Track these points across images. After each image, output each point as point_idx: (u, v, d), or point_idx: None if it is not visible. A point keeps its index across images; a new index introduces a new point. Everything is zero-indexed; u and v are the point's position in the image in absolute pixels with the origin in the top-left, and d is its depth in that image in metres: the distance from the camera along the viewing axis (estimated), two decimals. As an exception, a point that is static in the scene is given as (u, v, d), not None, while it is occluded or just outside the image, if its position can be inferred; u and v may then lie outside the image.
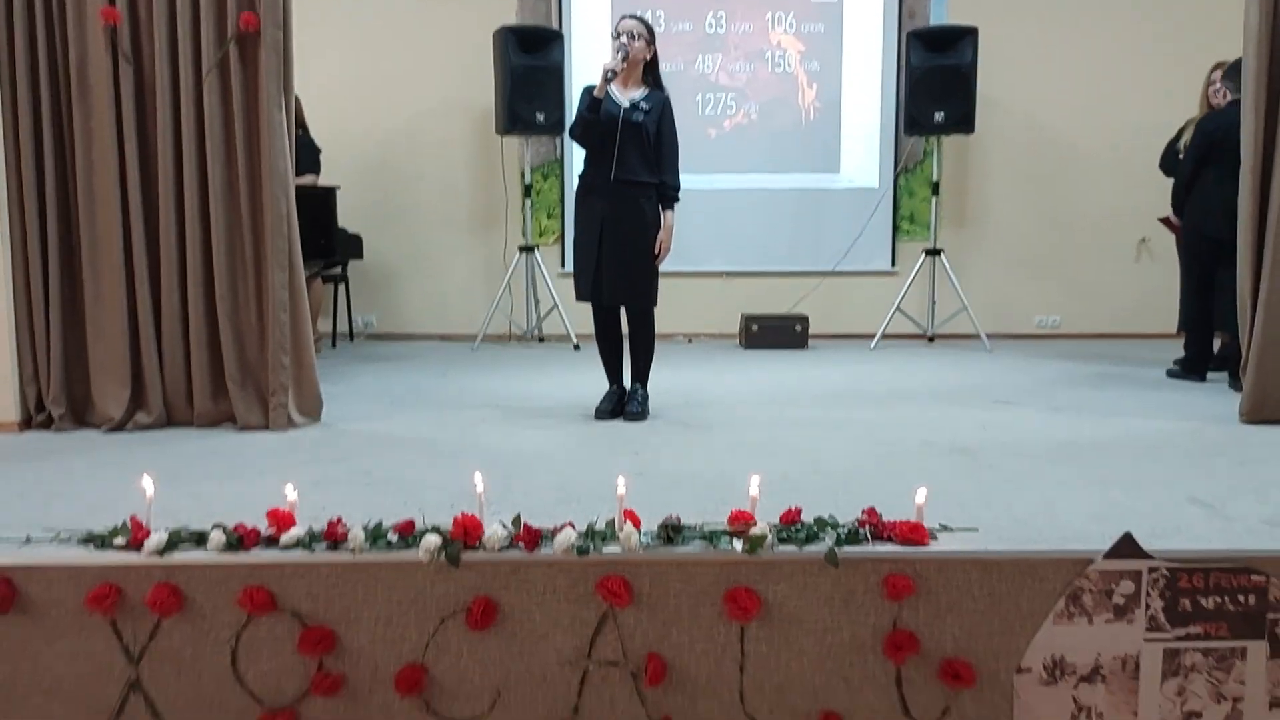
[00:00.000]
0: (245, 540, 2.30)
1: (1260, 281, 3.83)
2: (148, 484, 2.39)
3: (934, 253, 6.45)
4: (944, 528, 2.41)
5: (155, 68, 3.69)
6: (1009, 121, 6.66)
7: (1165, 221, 5.33)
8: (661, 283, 4.10)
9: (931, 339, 6.57)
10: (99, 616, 2.24)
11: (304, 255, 3.86)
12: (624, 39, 3.84)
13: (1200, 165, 4.80)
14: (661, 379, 4.54)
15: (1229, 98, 4.73)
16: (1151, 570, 2.28)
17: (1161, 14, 6.51)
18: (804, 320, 6.34)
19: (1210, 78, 4.99)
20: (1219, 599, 2.30)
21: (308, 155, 5.76)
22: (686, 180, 4.11)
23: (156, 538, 2.28)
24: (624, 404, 4.05)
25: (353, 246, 6.32)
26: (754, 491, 2.38)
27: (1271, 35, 3.78)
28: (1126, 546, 2.27)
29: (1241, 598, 2.30)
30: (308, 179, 5.71)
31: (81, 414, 3.84)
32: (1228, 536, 2.44)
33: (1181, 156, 4.99)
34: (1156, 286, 6.26)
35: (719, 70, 6.76)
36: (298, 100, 5.41)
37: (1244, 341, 3.93)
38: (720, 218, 6.76)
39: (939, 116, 6.12)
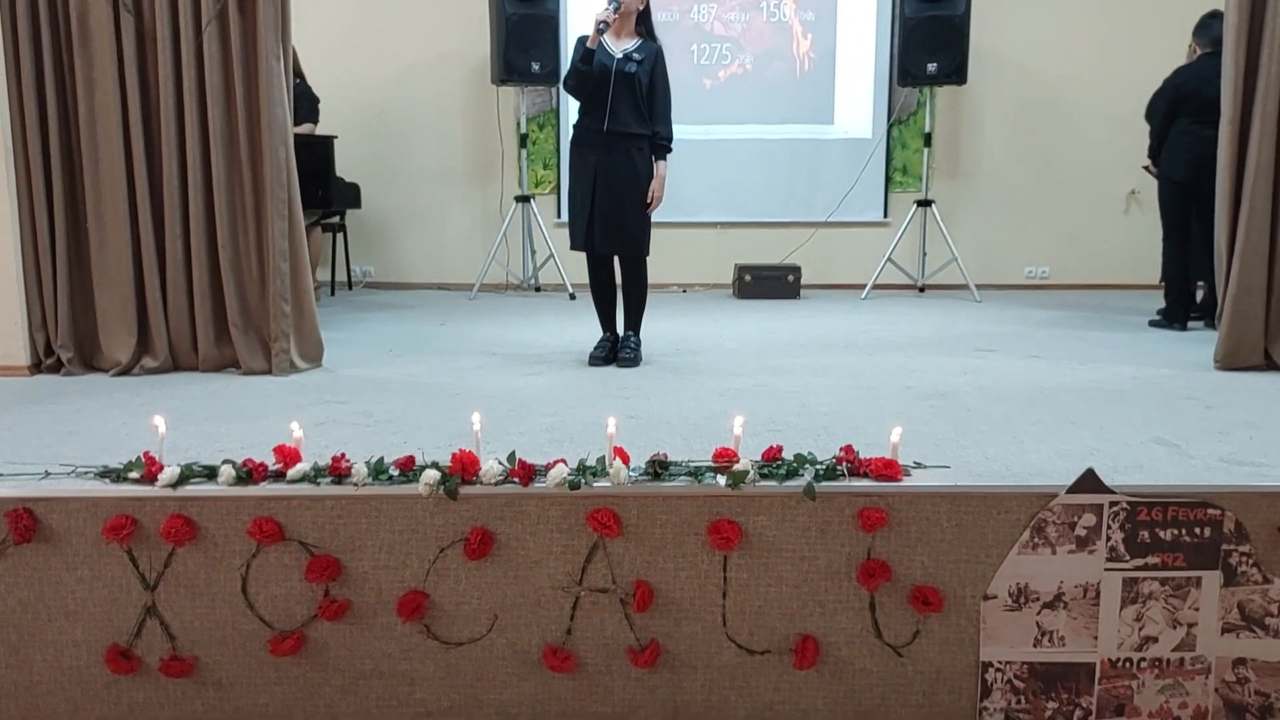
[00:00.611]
0: (254, 474, 2.42)
1: (1237, 231, 3.92)
2: (160, 422, 2.51)
3: (925, 204, 6.52)
4: (918, 465, 2.54)
5: (156, 18, 3.74)
6: (1001, 73, 6.70)
7: (1149, 169, 5.41)
8: (656, 233, 4.19)
9: (922, 289, 6.67)
10: (116, 546, 2.37)
11: (303, 205, 3.95)
12: (618, -11, 3.88)
13: (1170, 116, 4.91)
14: (655, 328, 4.65)
15: (1199, 52, 4.87)
16: (1112, 504, 2.40)
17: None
18: (797, 270, 6.44)
19: (1191, 43, 5.06)
20: (1176, 531, 2.43)
21: (306, 104, 5.81)
22: (681, 131, 4.17)
23: (170, 471, 2.40)
24: (617, 350, 4.16)
25: (350, 196, 6.39)
26: (737, 431, 2.51)
27: (1253, -11, 3.84)
28: (1089, 481, 2.40)
29: (1198, 530, 2.43)
30: (305, 127, 5.76)
31: (89, 358, 3.96)
32: (1187, 473, 2.56)
33: None
34: (1145, 238, 6.34)
35: (714, 20, 6.78)
36: (295, 50, 5.46)
37: (1220, 290, 4.03)
38: (714, 168, 6.83)
39: (932, 68, 6.16)
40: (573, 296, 6.26)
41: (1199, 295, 5.22)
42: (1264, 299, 3.95)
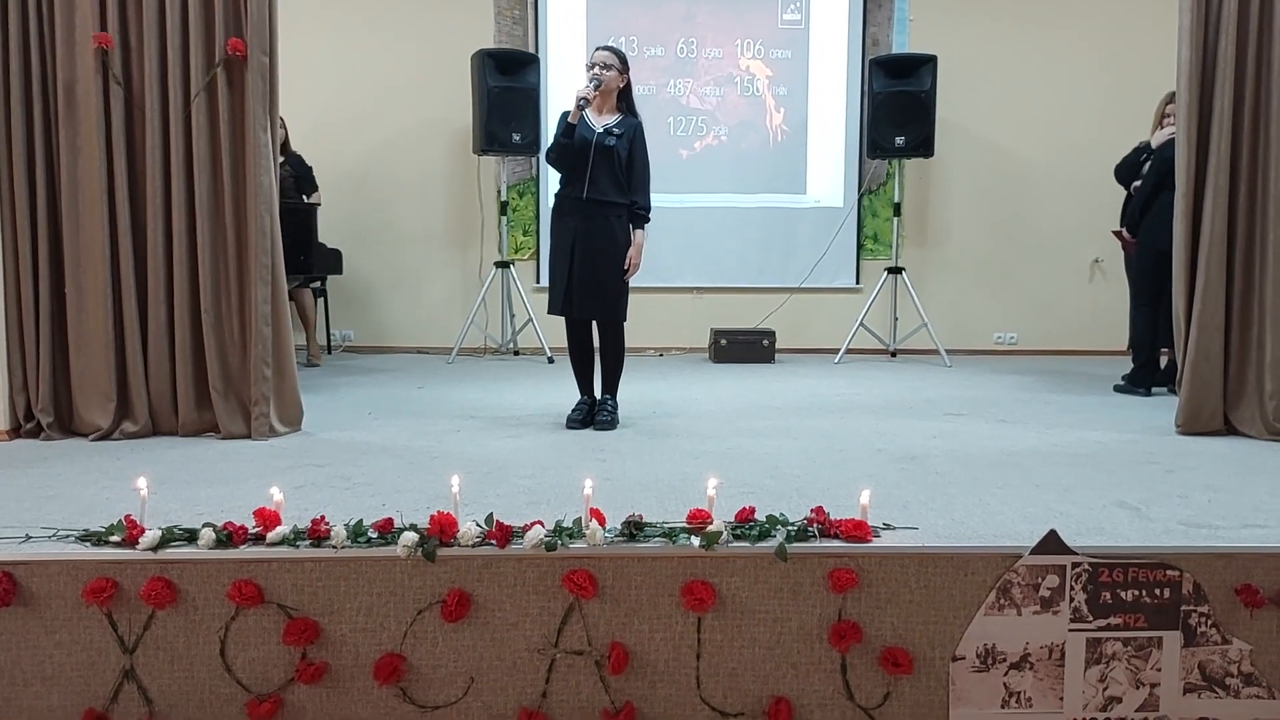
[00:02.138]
0: (234, 537, 2.45)
1: (1194, 300, 4.06)
2: (142, 484, 2.54)
3: (896, 271, 6.68)
4: (887, 526, 2.61)
5: (145, 89, 3.85)
6: (967, 146, 6.93)
7: (1118, 235, 5.57)
8: (634, 298, 4.29)
9: (894, 354, 6.80)
10: (95, 609, 2.38)
11: (285, 270, 4.02)
12: (597, 69, 4.03)
13: (1157, 188, 5.07)
14: (632, 390, 4.73)
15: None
16: (1075, 565, 2.47)
17: (1106, 45, 6.84)
18: (771, 335, 6.55)
19: (1166, 109, 5.23)
20: (1137, 592, 2.50)
21: (307, 175, 6.12)
22: (659, 199, 4.30)
23: (150, 534, 2.43)
24: (594, 414, 4.23)
25: (332, 261, 6.48)
26: (711, 492, 2.57)
27: (1202, 70, 4.03)
28: (1052, 543, 2.47)
29: (1158, 591, 2.50)
30: (316, 198, 6.12)
31: (69, 423, 3.97)
32: (1147, 535, 2.64)
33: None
34: (1109, 304, 6.54)
35: (690, 94, 6.99)
36: (285, 124, 5.66)
37: (1179, 357, 4.16)
38: (691, 236, 6.98)
39: (900, 140, 6.37)
40: (551, 360, 6.33)
41: (1163, 361, 5.35)
42: (1221, 366, 4.08)
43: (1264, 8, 3.97)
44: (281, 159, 5.72)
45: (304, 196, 6.13)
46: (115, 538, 2.47)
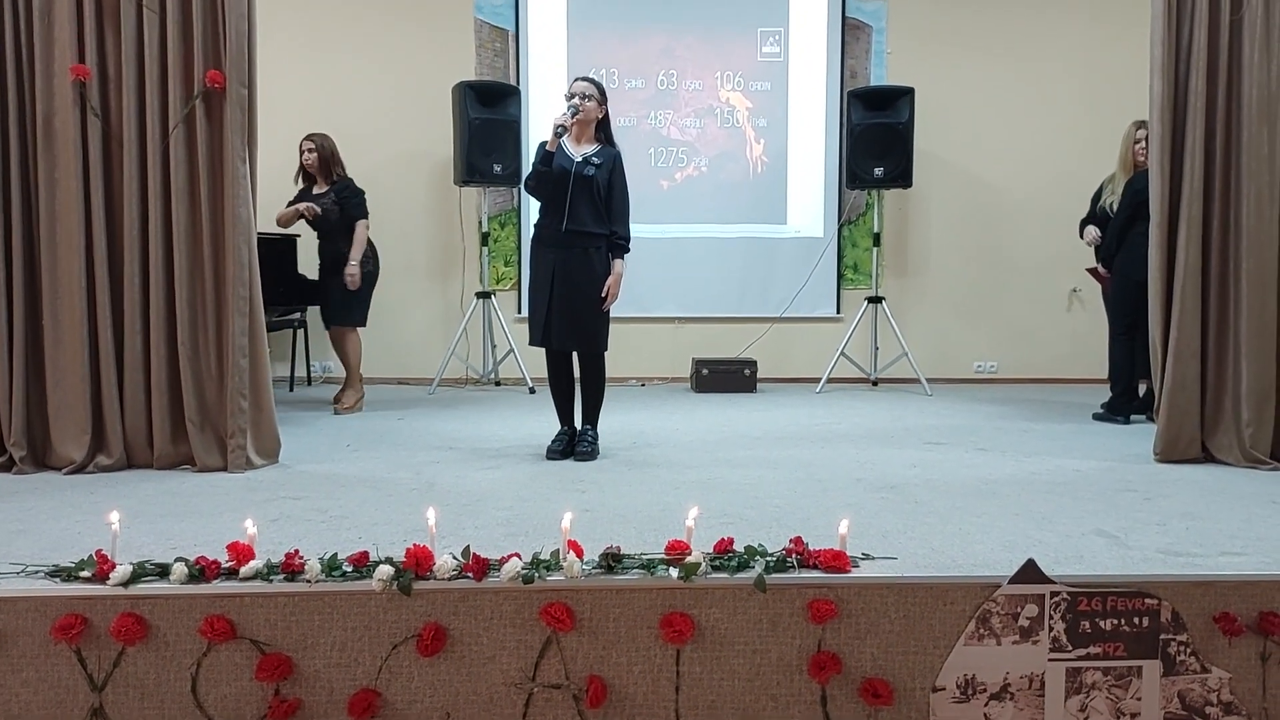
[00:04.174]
0: (206, 572, 2.42)
1: (1170, 329, 4.10)
2: (114, 519, 2.51)
3: (876, 300, 6.72)
4: (866, 556, 2.60)
5: (123, 121, 3.84)
6: (945, 177, 7.00)
7: (1093, 272, 5.62)
8: (615, 329, 4.29)
9: (875, 383, 6.82)
10: (64, 645, 2.34)
11: (264, 302, 4.01)
12: (577, 99, 4.05)
13: (1131, 220, 5.11)
14: (613, 421, 4.72)
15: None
16: (1054, 594, 2.47)
17: (1081, 78, 6.93)
18: (753, 365, 6.56)
19: (1135, 136, 5.30)
20: (1116, 621, 2.49)
21: (355, 199, 5.69)
22: (640, 230, 4.31)
23: (122, 569, 2.39)
24: (575, 444, 4.21)
25: (311, 293, 6.44)
26: (690, 523, 2.56)
27: (1174, 102, 4.09)
28: (1030, 572, 2.47)
29: (1136, 619, 2.50)
30: (360, 225, 5.65)
31: (43, 456, 3.92)
32: (1125, 563, 2.64)
33: (1112, 213, 5.30)
34: (1087, 333, 6.59)
35: (670, 125, 7.03)
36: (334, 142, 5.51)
37: (1156, 385, 4.19)
38: (672, 266, 7.00)
39: (879, 171, 6.42)
40: (532, 390, 6.32)
41: (1141, 390, 5.38)
42: (1198, 394, 4.11)
43: (1233, 41, 4.04)
44: (325, 188, 5.59)
45: (348, 223, 5.59)
46: (86, 573, 2.43)
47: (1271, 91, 3.99)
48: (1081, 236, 5.61)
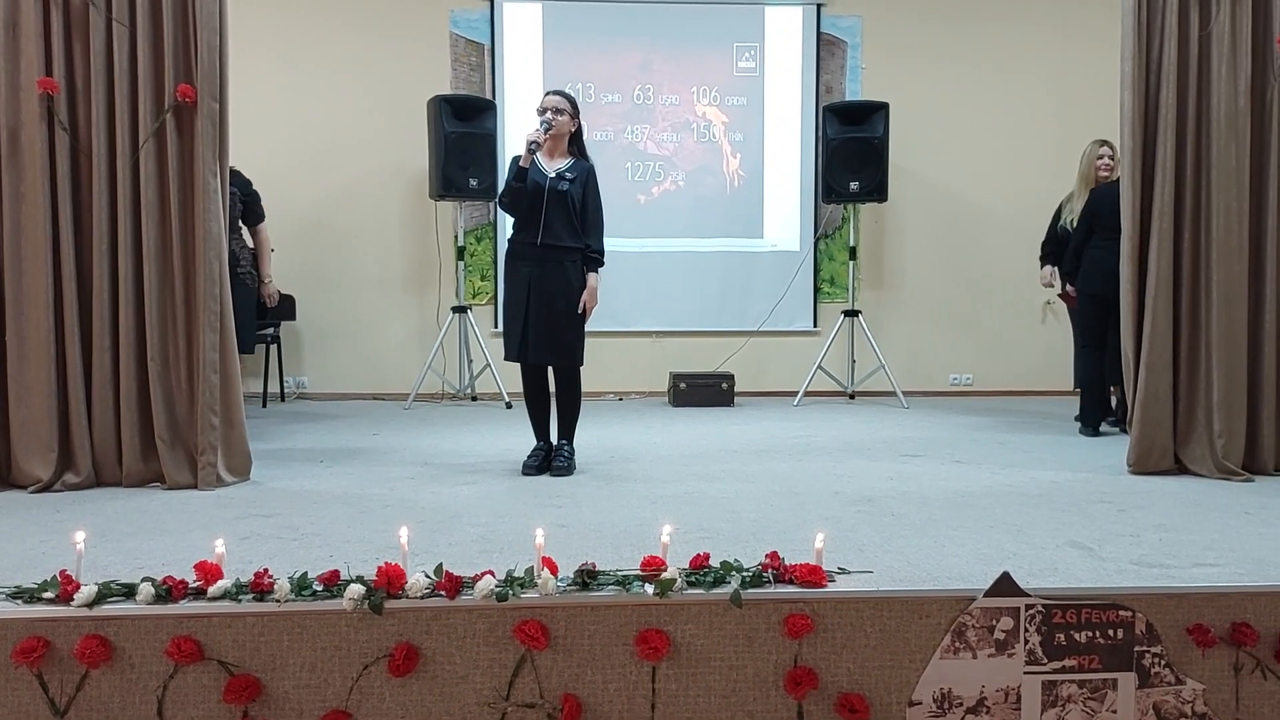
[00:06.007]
0: (173, 592, 2.38)
1: (1142, 341, 4.12)
2: (79, 538, 2.46)
3: (853, 314, 6.74)
4: (842, 570, 2.59)
5: (92, 135, 3.80)
6: (920, 191, 7.04)
7: (1063, 296, 5.64)
8: (592, 343, 4.27)
9: (852, 396, 6.83)
10: (25, 669, 2.29)
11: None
12: (549, 113, 4.05)
13: (1089, 234, 5.16)
14: (590, 435, 4.69)
15: (1118, 174, 5.14)
16: (1029, 607, 2.47)
17: (1054, 93, 7.01)
18: (730, 378, 6.56)
19: (1098, 153, 5.35)
20: (1091, 633, 2.49)
21: (255, 202, 5.68)
22: (617, 244, 4.31)
23: (86, 590, 2.34)
24: (551, 460, 4.18)
25: (285, 308, 6.41)
26: (665, 539, 2.54)
27: (1145, 116, 4.13)
28: (1005, 585, 2.47)
29: (1111, 632, 2.50)
30: (263, 227, 5.69)
31: (7, 474, 3.85)
32: (1099, 575, 2.64)
33: (1072, 229, 5.35)
34: (1060, 346, 6.61)
35: (647, 140, 7.04)
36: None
37: (1129, 397, 4.21)
38: (650, 280, 7.00)
39: (854, 185, 6.46)
40: (509, 405, 6.28)
41: (1113, 401, 5.42)
42: (1170, 406, 4.13)
43: (1202, 56, 4.09)
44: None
45: (246, 227, 5.60)
46: (49, 594, 2.38)
47: (1239, 106, 4.04)
48: (1042, 267, 5.67)
